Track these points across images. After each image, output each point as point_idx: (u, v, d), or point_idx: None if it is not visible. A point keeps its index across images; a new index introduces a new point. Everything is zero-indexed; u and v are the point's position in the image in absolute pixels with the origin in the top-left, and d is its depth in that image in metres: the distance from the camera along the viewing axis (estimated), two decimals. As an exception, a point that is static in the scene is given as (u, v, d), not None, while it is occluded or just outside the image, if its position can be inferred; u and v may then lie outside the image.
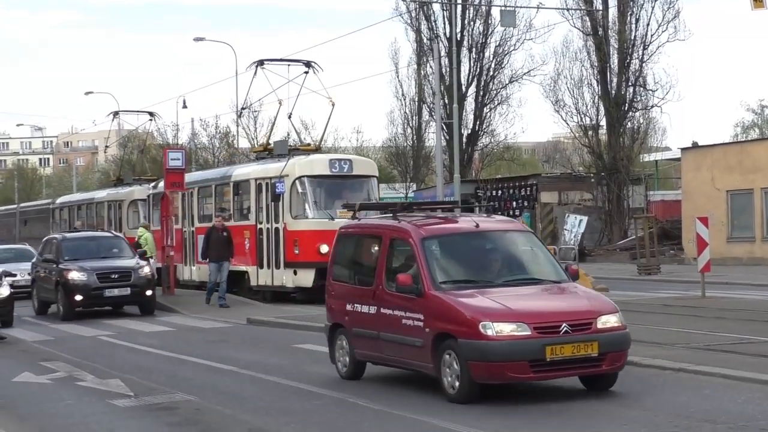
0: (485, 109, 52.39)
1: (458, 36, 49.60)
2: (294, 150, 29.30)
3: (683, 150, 44.15)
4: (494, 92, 52.43)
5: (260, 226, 28.10)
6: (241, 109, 31.74)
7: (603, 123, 46.44)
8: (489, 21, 51.17)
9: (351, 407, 12.45)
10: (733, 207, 39.52)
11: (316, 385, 13.96)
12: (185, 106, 61.99)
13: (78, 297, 25.49)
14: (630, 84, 45.35)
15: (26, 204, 65.70)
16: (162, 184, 32.97)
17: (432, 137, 52.44)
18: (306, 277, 26.70)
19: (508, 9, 41.63)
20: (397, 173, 62.60)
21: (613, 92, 45.32)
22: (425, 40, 52.57)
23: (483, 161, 56.28)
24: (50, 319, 26.16)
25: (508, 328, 11.72)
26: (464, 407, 11.85)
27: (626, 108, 45.45)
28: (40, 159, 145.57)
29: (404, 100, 56.05)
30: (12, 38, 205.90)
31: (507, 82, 52.49)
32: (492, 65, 51.84)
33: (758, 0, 30.54)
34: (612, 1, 45.42)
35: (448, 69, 49.33)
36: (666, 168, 59.95)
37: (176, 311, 26.52)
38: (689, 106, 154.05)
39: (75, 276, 25.54)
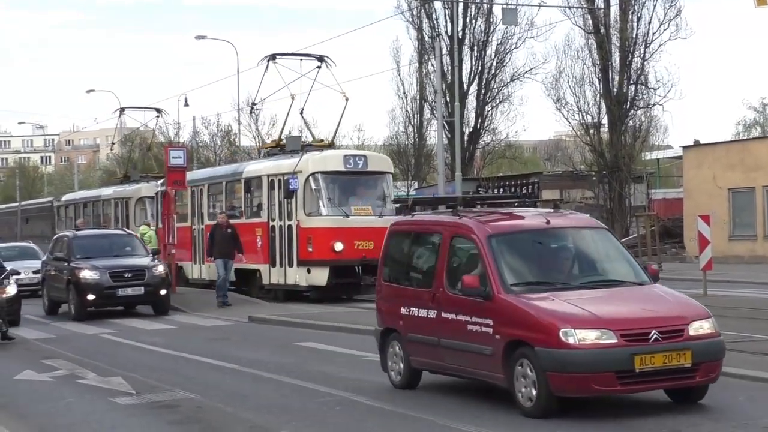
0: (487, 107, 52.33)
1: (460, 34, 49.53)
2: (307, 146, 28.84)
3: (685, 148, 44.14)
4: (496, 90, 52.36)
5: (272, 224, 27.66)
6: (252, 104, 31.26)
7: (605, 121, 46.37)
8: (491, 19, 51.13)
9: (352, 405, 12.44)
10: (735, 205, 39.52)
11: (318, 384, 13.95)
12: (187, 104, 62.10)
13: (90, 296, 24.96)
14: (632, 82, 45.27)
15: (27, 202, 65.72)
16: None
17: (433, 135, 52.39)
18: (320, 276, 26.36)
19: (510, 7, 41.60)
20: (399, 171, 62.56)
21: (615, 90, 45.25)
22: (427, 39, 52.49)
23: (484, 159, 56.23)
24: (52, 318, 26.17)
25: (592, 336, 10.68)
26: (534, 422, 10.91)
27: (628, 106, 45.38)
28: (42, 157, 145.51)
29: (406, 98, 56.00)
30: (13, 37, 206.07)
31: (509, 81, 52.43)
32: (494, 63, 51.78)
33: (760, -2, 30.44)
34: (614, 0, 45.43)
35: (450, 67, 49.25)
36: (668, 166, 59.88)
37: (179, 309, 26.48)
38: (691, 105, 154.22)
39: (87, 275, 24.98)
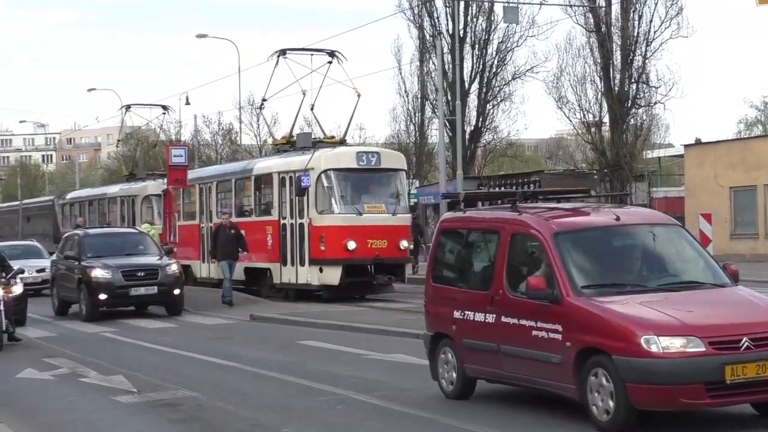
0: (488, 106, 52.25)
1: (461, 33, 49.45)
2: (318, 142, 28.42)
3: (686, 147, 44.14)
4: (497, 89, 52.28)
5: (283, 222, 27.24)
6: (262, 100, 30.91)
7: (606, 120, 46.32)
8: (492, 17, 51.00)
9: (354, 404, 12.43)
10: (736, 204, 39.49)
11: (320, 382, 13.94)
12: (188, 103, 61.96)
13: (102, 296, 24.30)
14: (633, 81, 45.20)
15: (29, 201, 65.73)
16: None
17: (435, 134, 52.35)
18: (332, 275, 25.98)
19: (511, 5, 41.47)
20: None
21: (616, 89, 45.19)
22: (428, 37, 52.41)
23: (486, 158, 56.16)
24: (53, 316, 26.13)
25: (678, 344, 9.73)
26: None
27: (629, 105, 45.32)
28: (43, 156, 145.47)
29: (407, 97, 55.90)
30: (13, 37, 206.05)
31: (510, 79, 52.32)
32: (495, 62, 51.69)
33: (762, -4, 30.41)
34: (615, -2, 45.38)
35: (451, 66, 49.19)
36: (669, 165, 59.87)
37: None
38: (692, 103, 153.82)
39: (99, 274, 24.39)
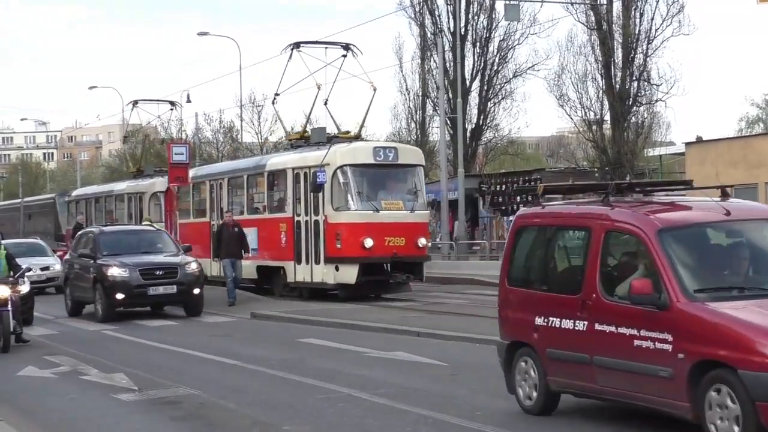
0: (489, 104, 52.27)
1: (462, 30, 49.45)
2: (333, 138, 27.75)
3: (687, 144, 44.07)
4: (498, 87, 52.30)
5: (298, 219, 26.73)
6: (275, 95, 30.58)
7: (607, 117, 46.36)
8: (493, 15, 51.04)
9: (355, 402, 12.42)
10: (738, 202, 39.45)
11: (321, 380, 13.93)
12: (189, 101, 62.03)
13: (119, 296, 23.35)
14: (634, 78, 45.24)
15: (30, 198, 65.71)
16: (188, 175, 32.44)
17: (436, 132, 52.36)
18: (349, 274, 25.46)
19: (513, 3, 41.49)
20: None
21: (618, 87, 45.21)
22: (429, 35, 52.46)
23: (487, 156, 56.18)
24: (54, 314, 26.05)
25: None
26: None
27: (630, 102, 45.34)
28: (44, 153, 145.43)
29: (408, 95, 55.96)
30: (14, 35, 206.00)
31: (511, 77, 52.37)
32: (496, 60, 51.72)
33: (763, -6, 30.40)
34: (616, -4, 45.35)
35: (452, 63, 49.23)
36: (670, 162, 59.74)
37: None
38: (693, 101, 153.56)
39: (115, 272, 23.47)
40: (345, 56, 29.08)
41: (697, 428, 9.25)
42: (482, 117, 52.21)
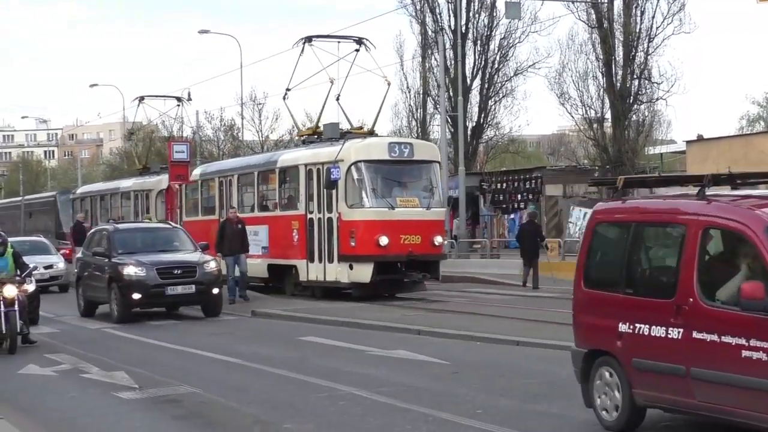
0: (490, 102, 52.27)
1: (463, 28, 49.43)
2: (347, 133, 27.13)
3: (688, 143, 44.08)
4: (499, 85, 52.31)
5: (310, 216, 26.16)
6: (286, 90, 30.21)
7: (608, 116, 46.32)
8: (494, 13, 51.05)
9: (356, 400, 12.40)
10: (739, 200, 39.43)
11: (322, 379, 13.93)
12: (190, 99, 61.93)
13: (136, 295, 22.53)
14: (635, 77, 45.19)
15: (31, 196, 65.72)
16: (197, 172, 32.03)
17: (437, 130, 52.34)
18: (363, 272, 24.91)
19: (513, 1, 41.45)
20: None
21: (618, 85, 45.17)
22: (430, 33, 52.44)
23: (488, 154, 56.19)
24: (55, 312, 26.05)
25: None
26: None
27: (631, 101, 45.30)
28: (45, 151, 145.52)
29: (409, 93, 55.92)
30: (14, 33, 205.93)
31: (512, 75, 52.37)
32: (497, 58, 51.72)
33: (763, -7, 30.37)
34: (617, -6, 45.31)
35: (453, 62, 49.21)
36: (671, 161, 59.81)
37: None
38: (694, 99, 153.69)
39: (132, 271, 22.69)
40: (358, 51, 28.60)
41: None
42: (483, 115, 52.21)
